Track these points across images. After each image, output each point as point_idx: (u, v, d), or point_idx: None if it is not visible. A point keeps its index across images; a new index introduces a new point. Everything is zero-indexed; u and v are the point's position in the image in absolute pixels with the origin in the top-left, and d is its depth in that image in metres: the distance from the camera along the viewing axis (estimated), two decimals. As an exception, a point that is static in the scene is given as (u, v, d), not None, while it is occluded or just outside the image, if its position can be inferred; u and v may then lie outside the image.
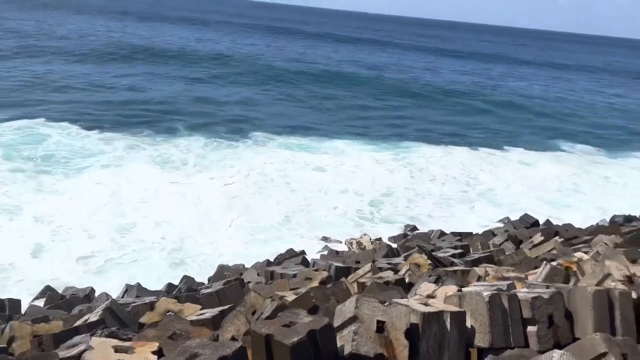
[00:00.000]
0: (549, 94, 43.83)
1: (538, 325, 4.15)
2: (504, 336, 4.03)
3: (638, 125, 33.69)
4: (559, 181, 19.33)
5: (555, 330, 4.21)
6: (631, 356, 3.82)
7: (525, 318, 4.23)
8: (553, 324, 4.22)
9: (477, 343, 4.07)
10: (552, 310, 4.26)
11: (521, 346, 4.08)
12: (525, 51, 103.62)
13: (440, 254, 8.88)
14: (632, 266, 5.20)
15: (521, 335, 4.11)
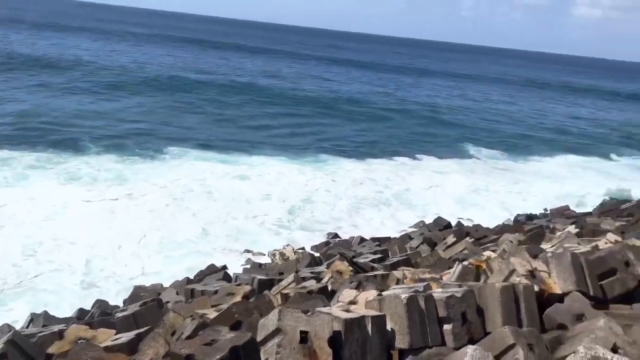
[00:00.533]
0: (454, 103, 46.38)
1: (453, 323, 4.36)
2: (422, 336, 4.19)
3: (532, 131, 36.58)
4: (468, 184, 20.52)
5: (469, 326, 4.45)
6: (536, 345, 4.12)
7: (441, 317, 4.43)
8: (466, 320, 4.45)
9: (397, 345, 4.19)
10: (465, 308, 4.49)
11: (438, 344, 4.26)
12: (430, 62, 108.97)
13: (361, 260, 9.08)
14: (533, 261, 5.62)
15: (438, 334, 4.29)
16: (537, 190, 20.44)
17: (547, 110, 47.38)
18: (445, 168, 23.28)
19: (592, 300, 5.17)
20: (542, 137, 34.32)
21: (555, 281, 5.34)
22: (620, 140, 36.19)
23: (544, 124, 39.93)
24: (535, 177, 23.31)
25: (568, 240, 8.98)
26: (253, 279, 7.38)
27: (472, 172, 22.96)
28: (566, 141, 33.55)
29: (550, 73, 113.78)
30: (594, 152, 30.40)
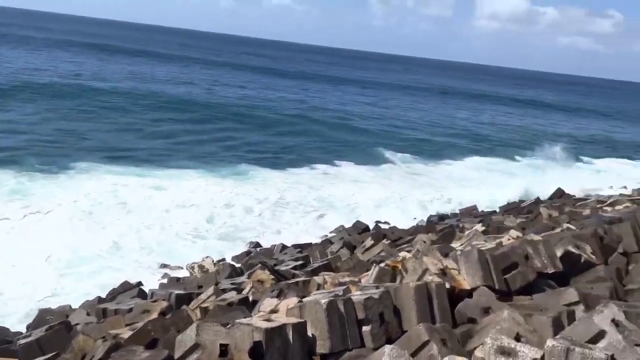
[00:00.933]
0: (366, 110, 47.49)
1: (371, 325, 4.48)
2: (342, 339, 4.26)
3: (441, 135, 38.60)
4: (385, 188, 21.19)
5: (387, 326, 4.59)
6: (449, 340, 4.34)
7: (360, 319, 4.54)
8: (384, 321, 4.59)
9: (318, 350, 4.23)
10: (382, 309, 4.64)
11: (358, 347, 4.36)
12: (343, 70, 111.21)
13: (282, 268, 9.08)
14: (444, 260, 5.92)
15: (357, 336, 4.39)
16: (448, 191, 21.53)
17: (454, 116, 50.07)
18: (363, 174, 23.89)
19: (497, 293, 5.54)
20: (450, 141, 36.27)
21: (464, 277, 5.66)
22: (522, 142, 39.05)
23: (451, 128, 42.18)
24: (446, 179, 24.57)
25: (476, 238, 9.56)
26: (170, 294, 7.13)
27: (389, 176, 23.77)
28: (473, 144, 35.70)
29: (456, 80, 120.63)
30: (499, 154, 32.57)
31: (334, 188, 20.66)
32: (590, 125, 55.61)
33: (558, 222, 11.17)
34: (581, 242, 7.35)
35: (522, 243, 6.73)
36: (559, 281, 6.39)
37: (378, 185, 21.74)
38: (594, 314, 4.05)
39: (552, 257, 6.55)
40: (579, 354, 3.39)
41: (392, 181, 22.49)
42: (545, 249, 6.61)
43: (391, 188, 21.24)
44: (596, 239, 7.55)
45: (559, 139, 39.57)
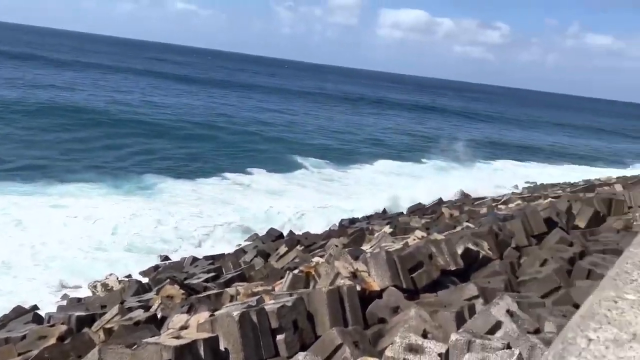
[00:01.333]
0: (276, 117, 47.39)
1: (285, 333, 4.46)
2: (255, 351, 4.20)
3: (351, 141, 39.65)
4: (299, 194, 21.29)
5: (300, 333, 4.60)
6: (361, 342, 4.44)
7: (274, 328, 4.51)
8: (298, 328, 4.60)
9: (232, 364, 4.14)
10: (296, 316, 4.64)
11: (272, 356, 4.33)
12: (254, 77, 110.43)
13: (193, 281, 8.80)
14: (355, 263, 6.06)
15: (271, 345, 4.35)
16: (359, 195, 22.10)
17: (361, 122, 51.61)
18: (276, 181, 23.81)
19: (405, 292, 5.77)
20: (359, 146, 37.33)
21: (374, 279, 5.83)
22: (426, 146, 41.07)
23: (359, 134, 43.41)
24: (357, 184, 25.22)
25: (384, 239, 9.91)
26: (70, 317, 6.62)
27: (302, 183, 23.92)
28: (380, 149, 37.01)
29: (362, 88, 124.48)
30: (406, 158, 34.01)
31: (246, 197, 20.40)
32: (485, 128, 59.96)
33: (459, 221, 11.91)
34: (479, 239, 7.87)
35: (427, 243, 7.07)
36: (461, 277, 6.80)
37: (292, 192, 21.80)
38: (492, 307, 4.34)
39: (453, 254, 6.95)
40: (479, 345, 3.61)
41: (305, 188, 22.65)
42: (447, 248, 7.00)
43: (305, 194, 21.40)
44: (492, 236, 8.12)
45: (459, 143, 42.27)
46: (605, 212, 10.48)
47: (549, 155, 43.44)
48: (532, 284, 5.88)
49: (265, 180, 23.78)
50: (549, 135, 60.65)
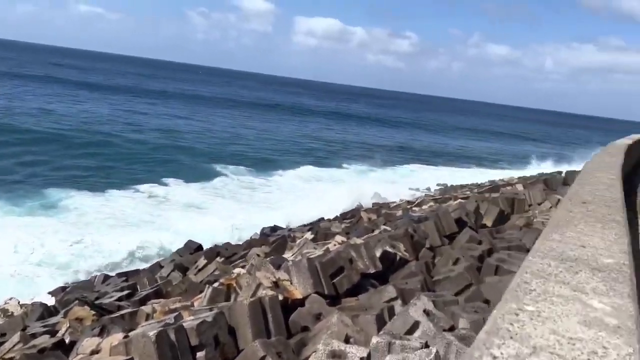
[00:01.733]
0: (191, 126, 45.88)
1: (206, 349, 4.32)
2: (174, 371, 4.03)
3: (269, 148, 39.51)
4: (218, 203, 20.81)
5: (222, 349, 4.47)
6: (284, 352, 4.40)
7: (194, 345, 4.35)
8: (219, 343, 4.47)
9: (149, 387, 3.93)
10: (216, 331, 4.51)
11: (193, 375, 4.16)
12: (163, 83, 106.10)
13: (105, 301, 8.28)
14: (277, 272, 6.01)
15: (191, 364, 4.19)
16: (282, 201, 22.01)
17: (280, 129, 51.61)
18: (195, 191, 23.11)
19: (327, 298, 5.81)
20: (279, 153, 37.26)
21: (296, 287, 5.82)
22: (344, 151, 41.82)
23: (279, 141, 43.33)
24: (280, 190, 25.14)
25: (306, 246, 9.95)
26: (-38, 350, 5.97)
27: (222, 193, 23.41)
28: (300, 156, 37.18)
29: (280, 95, 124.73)
30: (327, 164, 34.37)
31: (162, 208, 19.62)
32: (398, 134, 62.34)
33: (376, 225, 12.24)
34: (396, 241, 8.13)
35: (347, 247, 7.18)
36: (380, 279, 6.97)
37: (212, 202, 21.27)
38: (409, 307, 4.48)
39: (372, 258, 7.12)
40: (399, 346, 3.71)
41: (225, 198, 22.18)
42: (366, 251, 7.16)
43: (226, 203, 20.99)
44: (408, 238, 8.43)
45: (375, 148, 43.59)
46: (509, 210, 11.26)
47: (457, 158, 46.03)
48: (446, 282, 6.16)
49: (182, 190, 23.02)
50: (456, 140, 64.31)
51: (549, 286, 1.53)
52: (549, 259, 1.89)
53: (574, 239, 2.35)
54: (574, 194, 3.77)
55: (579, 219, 2.87)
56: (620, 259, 2.04)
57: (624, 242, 2.38)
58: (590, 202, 3.43)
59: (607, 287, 1.61)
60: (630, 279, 1.77)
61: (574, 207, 3.24)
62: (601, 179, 4.76)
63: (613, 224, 2.79)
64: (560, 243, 2.21)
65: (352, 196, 21.67)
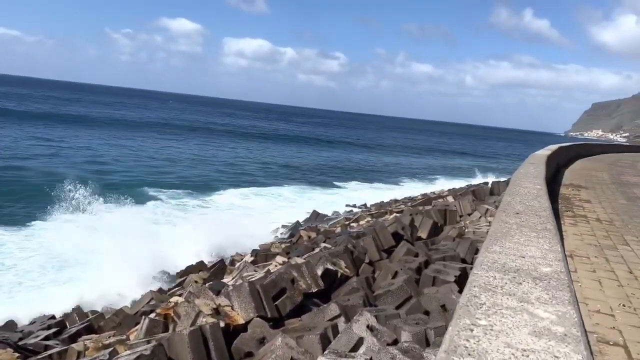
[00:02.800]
0: (120, 151, 43.78)
1: (145, 385, 4.10)
2: (111, 412, 3.79)
3: (204, 170, 38.72)
4: (150, 230, 19.98)
5: (162, 383, 4.27)
6: (228, 380, 4.27)
7: (132, 382, 4.12)
8: (159, 377, 4.27)
9: None
10: (155, 365, 4.30)
11: (132, 414, 3.94)
12: (86, 107, 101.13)
13: (30, 341, 7.70)
14: (217, 298, 5.85)
15: (130, 402, 3.97)
16: (220, 224, 21.43)
17: (215, 152, 50.62)
18: (129, 216, 22.06)
19: (270, 321, 5.72)
20: (215, 175, 36.57)
21: (238, 312, 5.69)
22: (283, 171, 41.64)
23: (214, 163, 42.55)
24: (217, 211, 24.55)
25: (246, 269, 9.78)
26: None
27: (157, 219, 22.54)
28: (236, 177, 36.68)
29: (212, 117, 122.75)
30: (266, 184, 34.05)
31: (93, 237, 18.56)
32: (333, 152, 63.22)
33: (316, 243, 12.26)
34: (336, 258, 8.18)
35: (288, 268, 7.13)
36: (323, 298, 6.97)
37: (145, 226, 20.38)
38: (353, 324, 4.50)
39: (314, 276, 7.12)
40: (344, 364, 3.70)
41: (159, 225, 21.33)
42: (308, 270, 7.14)
43: (159, 228, 20.20)
44: (348, 254, 8.51)
45: (313, 167, 43.91)
46: (442, 222, 11.66)
47: (391, 174, 47.29)
48: (386, 296, 6.25)
49: (112, 217, 21.93)
50: (388, 156, 66.11)
51: (497, 299, 1.59)
52: (494, 271, 1.96)
53: (512, 249, 2.46)
54: (507, 205, 3.95)
55: (515, 229, 3.01)
56: (557, 267, 2.15)
57: (558, 250, 2.51)
58: (522, 213, 3.62)
59: (550, 295, 1.70)
60: (569, 286, 1.87)
61: (509, 218, 3.40)
62: (529, 189, 5.04)
63: (545, 233, 2.95)
64: (501, 255, 2.30)
65: (290, 215, 21.64)
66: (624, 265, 5.94)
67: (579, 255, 6.28)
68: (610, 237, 7.74)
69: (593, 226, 8.53)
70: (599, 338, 3.67)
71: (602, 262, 6.05)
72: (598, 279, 5.22)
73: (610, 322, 3.99)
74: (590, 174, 20.35)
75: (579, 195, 12.84)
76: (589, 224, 8.67)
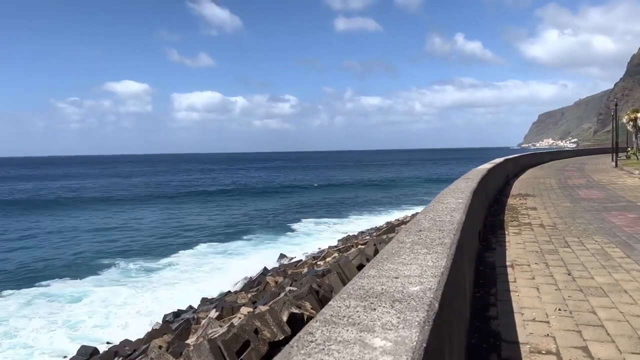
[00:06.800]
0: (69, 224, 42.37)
1: None
2: None
3: (166, 235, 37.65)
4: (110, 301, 19.07)
5: None
6: None
7: None
8: None
9: None
10: None
11: None
12: (44, 182, 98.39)
13: None
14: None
15: None
16: (183, 283, 20.71)
17: (173, 214, 48.77)
18: (82, 287, 21.03)
19: (236, 377, 5.41)
20: (177, 235, 35.49)
21: (200, 373, 5.36)
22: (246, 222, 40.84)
23: (175, 224, 41.28)
24: (179, 272, 23.71)
25: (211, 326, 9.36)
26: None
27: (112, 285, 21.57)
28: (200, 233, 35.65)
29: (170, 175, 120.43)
30: (228, 239, 33.10)
31: (42, 311, 17.50)
32: (295, 195, 62.89)
33: (283, 287, 11.96)
34: (301, 300, 7.95)
35: (250, 319, 6.85)
36: (291, 344, 6.69)
37: (103, 294, 19.41)
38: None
39: (279, 323, 6.85)
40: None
41: (121, 296, 20.34)
42: (272, 318, 6.88)
43: (113, 299, 19.24)
44: (313, 294, 8.28)
45: (276, 212, 43.49)
46: (405, 247, 11.55)
47: (356, 205, 47.40)
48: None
49: (66, 288, 20.87)
50: (350, 190, 66.44)
51: (334, 332, 1.46)
52: (352, 299, 1.83)
53: (390, 270, 2.32)
54: (414, 223, 3.84)
55: (406, 248, 2.86)
56: (428, 284, 2.03)
57: (441, 265, 2.39)
58: (426, 229, 3.52)
59: (400, 318, 1.58)
60: (430, 304, 1.77)
61: (408, 236, 3.27)
62: (448, 204, 5.00)
63: (439, 248, 2.82)
64: (373, 279, 2.16)
65: (258, 263, 21.21)
66: (563, 268, 5.95)
67: (520, 264, 6.26)
68: (552, 241, 7.81)
69: (536, 232, 8.64)
70: (532, 348, 3.58)
71: (542, 267, 6.04)
72: (536, 285, 5.17)
73: (544, 330, 3.90)
74: (538, 181, 21.00)
75: (525, 203, 13.10)
76: (533, 231, 8.78)
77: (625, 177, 22.01)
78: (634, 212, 10.85)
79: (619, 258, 6.41)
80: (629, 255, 6.56)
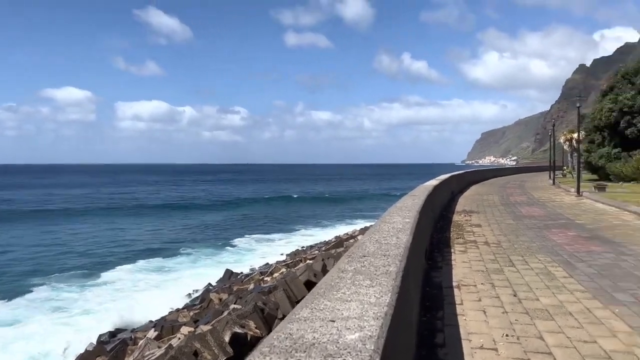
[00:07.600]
0: None
1: None
2: None
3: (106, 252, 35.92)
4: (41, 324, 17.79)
5: None
6: None
7: None
8: None
9: None
10: None
11: None
12: None
13: None
14: (105, 391, 5.05)
15: None
16: (120, 301, 19.69)
17: (118, 228, 46.56)
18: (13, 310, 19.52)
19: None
20: (117, 252, 33.71)
21: (131, 404, 4.93)
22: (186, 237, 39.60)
23: (117, 240, 39.37)
24: (116, 291, 22.52)
25: (148, 347, 8.82)
26: None
27: (42, 307, 20.14)
28: (137, 251, 33.96)
29: (111, 187, 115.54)
30: (169, 254, 31.79)
31: None
32: (241, 209, 61.74)
33: (227, 305, 11.52)
34: (245, 319, 7.61)
35: (190, 340, 6.45)
36: (233, 367, 6.35)
37: (30, 317, 18.09)
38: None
39: (221, 344, 6.49)
40: None
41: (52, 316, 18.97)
42: (213, 339, 6.51)
43: (51, 317, 18.03)
44: (258, 313, 7.96)
45: (222, 227, 42.58)
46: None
47: (306, 219, 47.22)
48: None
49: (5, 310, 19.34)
50: (301, 204, 66.25)
51: None
52: (275, 354, 1.53)
53: (327, 311, 2.02)
54: (357, 247, 3.58)
55: (347, 279, 2.58)
56: (369, 330, 1.77)
57: (385, 303, 2.13)
58: (370, 255, 3.28)
59: None
60: (370, 356, 1.54)
61: (350, 264, 2.99)
62: (395, 224, 4.85)
63: (383, 279, 2.57)
64: (304, 323, 1.86)
65: (200, 279, 20.53)
66: (509, 289, 5.91)
67: (466, 284, 6.18)
68: (498, 260, 7.86)
69: (482, 250, 8.70)
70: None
71: (488, 288, 5.98)
72: (483, 308, 5.09)
73: (493, 358, 3.74)
74: (482, 198, 21.56)
75: (470, 220, 13.33)
76: (478, 249, 8.85)
77: (562, 195, 23.01)
78: (573, 230, 11.23)
79: (562, 278, 6.50)
80: (571, 274, 6.68)
